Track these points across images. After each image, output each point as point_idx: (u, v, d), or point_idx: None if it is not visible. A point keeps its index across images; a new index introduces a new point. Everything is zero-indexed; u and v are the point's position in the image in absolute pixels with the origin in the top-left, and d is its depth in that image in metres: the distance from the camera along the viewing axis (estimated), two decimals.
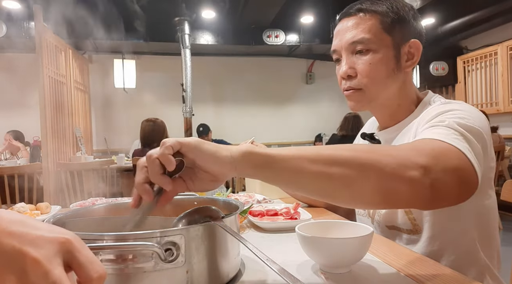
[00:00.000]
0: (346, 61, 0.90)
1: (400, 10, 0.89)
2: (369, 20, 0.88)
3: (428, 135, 0.70)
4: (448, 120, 0.72)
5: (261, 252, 0.52)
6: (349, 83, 0.91)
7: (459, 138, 0.68)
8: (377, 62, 0.87)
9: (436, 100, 0.92)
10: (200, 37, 5.63)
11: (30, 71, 4.50)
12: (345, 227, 0.71)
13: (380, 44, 0.87)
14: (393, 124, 0.96)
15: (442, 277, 0.60)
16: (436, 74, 5.74)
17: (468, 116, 0.75)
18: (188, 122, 5.46)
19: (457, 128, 0.70)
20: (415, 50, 0.90)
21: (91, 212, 0.73)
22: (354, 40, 0.88)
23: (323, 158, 0.58)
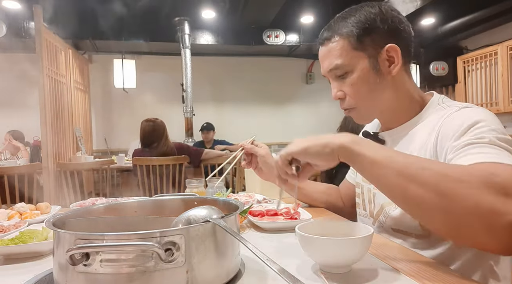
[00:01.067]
0: (333, 85, 0.95)
1: (367, 21, 0.88)
2: (337, 44, 0.90)
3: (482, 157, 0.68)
4: (486, 135, 0.72)
5: (261, 252, 0.52)
6: (343, 104, 0.95)
7: (509, 155, 0.68)
8: (357, 81, 0.90)
9: (448, 103, 0.91)
10: (200, 37, 5.63)
11: (30, 71, 4.50)
12: (345, 227, 0.71)
13: (354, 63, 0.89)
14: (397, 125, 0.96)
15: (442, 277, 0.60)
16: (436, 74, 5.74)
17: (496, 125, 0.75)
18: (189, 122, 5.46)
19: (500, 144, 0.70)
20: (394, 53, 0.89)
21: (91, 212, 0.73)
22: (330, 68, 0.92)
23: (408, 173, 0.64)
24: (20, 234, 0.83)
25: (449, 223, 0.60)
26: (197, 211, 0.60)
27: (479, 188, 0.59)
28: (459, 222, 0.59)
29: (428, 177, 0.62)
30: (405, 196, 0.64)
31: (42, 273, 0.67)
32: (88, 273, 0.50)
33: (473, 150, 0.71)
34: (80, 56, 5.02)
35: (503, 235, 0.58)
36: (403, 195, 0.64)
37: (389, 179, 0.65)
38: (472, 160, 0.68)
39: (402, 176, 0.64)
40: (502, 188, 0.59)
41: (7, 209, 1.17)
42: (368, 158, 0.67)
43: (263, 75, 6.60)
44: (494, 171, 0.63)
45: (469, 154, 0.71)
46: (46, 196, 3.48)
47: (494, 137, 0.71)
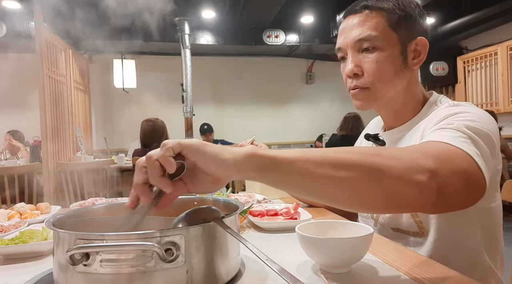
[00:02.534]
0: (352, 59, 0.89)
1: (407, 7, 0.88)
2: (375, 17, 0.86)
3: (436, 137, 0.69)
4: (456, 123, 0.71)
5: (261, 252, 0.52)
6: (355, 82, 0.89)
7: (467, 141, 0.67)
8: (384, 60, 0.86)
9: (444, 101, 0.91)
10: (200, 37, 5.63)
11: (30, 71, 4.49)
12: (345, 227, 0.71)
13: (386, 42, 0.86)
14: (399, 124, 0.95)
15: (442, 277, 0.60)
16: (436, 74, 5.74)
17: (477, 118, 0.74)
18: (189, 122, 5.46)
19: (466, 131, 0.69)
20: (422, 47, 0.89)
21: (91, 212, 0.73)
22: (360, 38, 0.86)
23: (329, 161, 0.56)
24: (20, 234, 0.83)
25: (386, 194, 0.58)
26: (197, 211, 0.60)
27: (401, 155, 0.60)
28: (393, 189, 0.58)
29: (351, 158, 0.58)
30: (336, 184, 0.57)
31: (42, 273, 0.67)
32: (88, 273, 0.50)
33: (434, 133, 0.71)
34: (80, 56, 5.02)
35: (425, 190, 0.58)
36: (334, 183, 0.57)
37: (314, 172, 0.55)
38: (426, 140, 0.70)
39: (326, 165, 0.56)
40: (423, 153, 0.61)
41: (7, 209, 1.17)
42: (285, 159, 0.55)
43: (263, 75, 6.60)
44: (432, 145, 0.65)
45: (430, 136, 0.71)
46: (46, 196, 3.48)
47: (463, 124, 0.71)
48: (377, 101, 0.91)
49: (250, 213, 1.01)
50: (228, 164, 0.54)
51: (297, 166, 0.55)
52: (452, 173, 0.60)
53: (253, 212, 1.02)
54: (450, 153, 0.63)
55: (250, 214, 1.01)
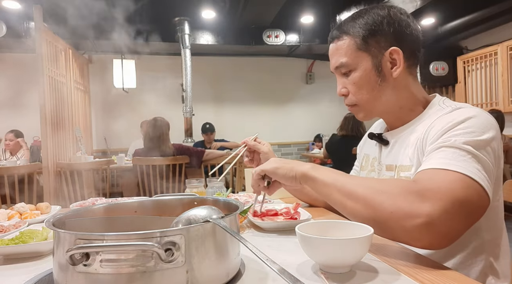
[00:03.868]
0: (338, 82, 0.99)
1: (373, 23, 0.91)
2: (344, 43, 0.94)
3: (433, 163, 0.74)
4: (453, 139, 0.75)
5: (261, 252, 0.52)
6: (346, 101, 0.99)
7: (466, 159, 0.72)
8: (359, 80, 0.93)
9: (447, 103, 0.91)
10: (200, 37, 5.63)
11: (30, 71, 4.49)
12: (345, 227, 0.71)
13: (357, 63, 0.93)
14: (401, 124, 0.97)
15: (442, 277, 0.60)
16: (436, 74, 5.74)
17: (477, 127, 0.76)
18: (188, 122, 5.46)
19: (464, 148, 0.73)
20: (396, 56, 0.91)
21: (91, 212, 0.73)
22: (336, 66, 0.96)
23: (345, 191, 0.77)
24: (20, 234, 0.83)
25: (378, 228, 0.69)
26: (197, 211, 0.60)
27: (398, 196, 0.70)
28: (384, 226, 0.71)
29: (359, 192, 0.75)
30: (344, 210, 0.79)
31: (42, 273, 0.67)
32: (88, 273, 0.50)
33: (435, 155, 0.76)
34: (80, 56, 5.02)
35: (419, 234, 0.68)
36: (343, 208, 0.79)
37: (333, 196, 0.80)
38: (428, 165, 0.75)
39: (341, 193, 0.78)
40: (418, 194, 0.69)
41: (7, 209, 1.17)
42: (320, 181, 0.82)
43: (263, 75, 6.60)
44: (430, 178, 0.72)
45: (431, 159, 0.76)
46: (46, 196, 3.48)
47: (462, 140, 0.74)
48: (371, 113, 0.99)
49: (255, 214, 1.01)
50: (292, 180, 0.87)
51: (325, 189, 0.82)
52: (449, 209, 0.66)
53: (256, 212, 1.02)
54: (449, 185, 0.69)
55: (255, 214, 1.01)
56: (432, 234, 0.67)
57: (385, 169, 0.98)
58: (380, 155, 1.02)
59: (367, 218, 0.72)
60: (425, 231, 0.67)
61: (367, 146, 1.14)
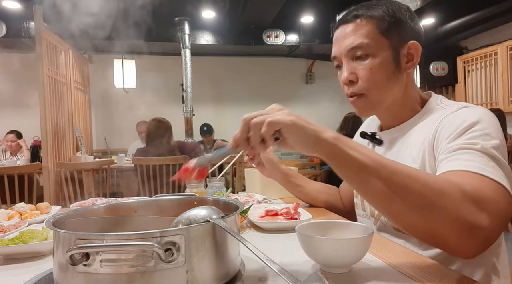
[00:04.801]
0: (346, 67, 0.91)
1: (396, 12, 0.90)
2: (365, 25, 0.88)
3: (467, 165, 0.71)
4: (481, 143, 0.73)
5: (261, 252, 0.52)
6: (351, 89, 0.91)
7: (495, 167, 0.71)
8: (377, 66, 0.88)
9: (446, 102, 0.91)
10: (200, 37, 5.62)
11: (30, 71, 4.49)
12: (345, 227, 0.71)
13: (378, 48, 0.88)
14: (397, 124, 0.96)
15: (442, 277, 0.60)
16: (436, 74, 5.74)
17: (491, 128, 0.77)
18: (189, 122, 5.46)
19: (492, 153, 0.72)
20: (414, 51, 0.90)
21: (91, 212, 0.72)
22: (353, 46, 0.89)
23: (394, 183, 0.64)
24: (20, 234, 0.83)
25: (430, 230, 0.64)
26: (197, 211, 0.60)
27: (460, 202, 0.63)
28: (440, 231, 0.64)
29: (413, 188, 0.63)
30: (389, 205, 0.65)
31: (42, 273, 0.67)
32: (88, 273, 0.50)
33: (462, 156, 0.73)
34: (80, 56, 5.02)
35: (475, 247, 0.65)
36: (387, 203, 0.65)
37: (374, 186, 0.64)
38: (459, 166, 0.71)
39: (387, 185, 0.63)
40: (475, 201, 0.64)
41: (7, 209, 1.17)
42: (356, 162, 0.64)
43: (263, 75, 6.60)
44: (476, 184, 0.67)
45: (458, 159, 0.73)
46: (46, 196, 3.48)
47: (486, 143, 0.73)
48: (376, 107, 0.93)
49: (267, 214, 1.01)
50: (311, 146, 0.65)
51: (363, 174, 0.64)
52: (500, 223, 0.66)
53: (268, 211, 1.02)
54: (496, 197, 0.67)
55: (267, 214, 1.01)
56: (485, 247, 0.67)
57: None
58: None
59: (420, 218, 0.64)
60: (482, 244, 0.66)
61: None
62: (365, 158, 0.64)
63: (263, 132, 0.64)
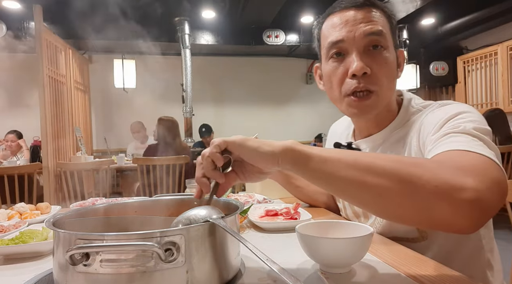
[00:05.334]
0: (359, 57, 0.80)
1: (395, 20, 0.88)
2: (381, 17, 0.83)
3: (450, 146, 0.66)
4: (463, 125, 0.69)
5: (261, 252, 0.52)
6: (363, 83, 0.80)
7: (482, 145, 0.65)
8: (390, 63, 0.82)
9: (421, 104, 0.88)
10: (200, 37, 5.63)
11: (30, 71, 4.49)
12: (345, 227, 0.71)
13: (390, 44, 0.84)
14: (377, 130, 0.91)
15: (442, 277, 0.60)
16: (436, 74, 5.74)
17: (477, 117, 0.74)
18: (188, 122, 5.46)
19: (475, 134, 0.67)
20: (402, 59, 0.89)
21: (91, 212, 0.72)
22: (372, 31, 0.79)
23: (360, 164, 0.58)
24: (20, 234, 0.83)
25: (415, 208, 0.57)
26: (197, 211, 0.60)
27: (438, 169, 0.58)
28: (425, 204, 0.56)
29: (384, 165, 0.58)
30: (363, 189, 0.59)
31: (42, 273, 0.67)
32: (88, 273, 0.50)
33: (447, 140, 0.69)
34: (80, 56, 5.02)
35: (469, 209, 0.56)
36: (361, 188, 0.59)
37: (342, 174, 0.59)
38: (443, 148, 0.66)
39: (356, 169, 0.58)
40: (458, 169, 0.58)
41: (7, 209, 1.17)
42: (317, 157, 0.60)
43: (263, 75, 6.60)
44: (459, 157, 0.62)
45: (444, 143, 0.68)
46: (46, 196, 3.48)
47: (470, 126, 0.70)
48: (378, 108, 0.85)
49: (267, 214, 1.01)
50: (267, 156, 0.61)
51: (328, 166, 0.60)
52: (491, 187, 0.57)
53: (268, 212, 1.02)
54: (482, 164, 0.61)
55: (267, 214, 1.01)
56: (480, 211, 0.56)
57: None
58: None
59: (399, 194, 0.57)
60: (475, 206, 0.55)
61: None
62: (326, 152, 0.61)
63: (209, 153, 0.63)
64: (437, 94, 6.14)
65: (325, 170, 0.60)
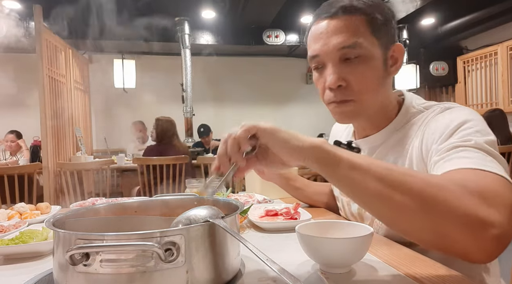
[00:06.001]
0: (333, 70, 0.81)
1: (386, 12, 0.83)
2: (356, 21, 0.79)
3: (466, 162, 0.65)
4: (473, 139, 0.69)
5: (261, 252, 0.52)
6: (340, 95, 0.81)
7: (493, 161, 0.65)
8: (369, 70, 0.80)
9: (423, 104, 0.87)
10: (200, 37, 5.63)
11: (30, 71, 4.49)
12: (345, 227, 0.71)
13: (370, 49, 0.79)
14: (375, 131, 0.90)
15: (442, 277, 0.60)
16: (436, 74, 5.74)
17: (482, 125, 0.73)
18: (189, 122, 5.46)
19: (487, 149, 0.67)
20: (399, 54, 0.85)
21: (91, 212, 0.72)
22: (344, 45, 0.78)
23: (389, 180, 0.58)
24: (20, 234, 0.83)
25: (435, 232, 0.57)
26: (197, 211, 0.60)
27: (462, 196, 0.57)
28: (446, 232, 0.56)
29: (412, 183, 0.57)
30: (386, 204, 0.59)
31: (42, 273, 0.67)
32: (88, 273, 0.50)
33: (458, 154, 0.68)
34: (80, 56, 5.02)
35: (491, 246, 0.56)
36: (384, 203, 0.59)
37: (369, 185, 0.58)
38: (457, 165, 0.66)
39: (384, 183, 0.57)
40: (480, 196, 0.57)
41: (7, 209, 1.17)
42: (347, 162, 0.59)
43: (263, 75, 6.60)
44: (477, 179, 0.62)
45: (455, 158, 0.68)
46: (46, 196, 3.48)
47: (480, 140, 0.69)
48: (362, 114, 0.85)
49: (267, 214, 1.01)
50: (295, 151, 0.61)
51: (356, 174, 0.59)
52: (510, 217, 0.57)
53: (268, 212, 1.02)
54: (502, 189, 0.60)
55: (267, 214, 1.01)
56: (501, 246, 0.56)
57: None
58: None
59: (423, 215, 0.56)
60: (498, 242, 0.55)
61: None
62: (356, 158, 0.60)
63: (237, 136, 0.62)
64: (437, 94, 6.14)
65: (353, 178, 0.59)
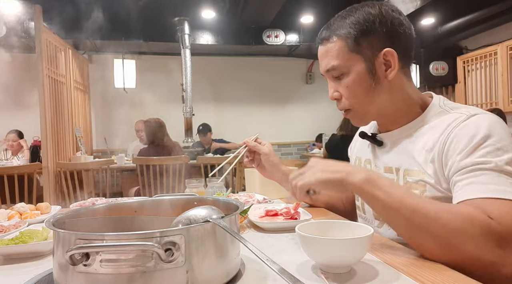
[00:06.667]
0: (330, 86, 0.95)
1: (365, 23, 0.86)
2: (334, 45, 0.89)
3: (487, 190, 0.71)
4: (493, 160, 0.73)
5: (261, 252, 0.52)
6: (339, 106, 0.95)
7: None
8: (352, 84, 0.89)
9: (449, 105, 0.89)
10: (200, 37, 5.62)
11: (30, 71, 4.49)
12: (345, 227, 0.71)
13: (350, 66, 0.88)
14: (397, 127, 0.94)
15: (442, 277, 0.60)
16: (436, 74, 5.74)
17: (504, 141, 0.75)
18: (188, 122, 5.46)
19: (507, 171, 0.72)
20: (391, 57, 0.87)
21: (91, 212, 0.73)
22: (327, 68, 0.91)
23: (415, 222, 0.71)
24: (20, 234, 0.83)
25: (452, 263, 0.67)
26: (197, 211, 0.60)
27: (479, 240, 0.66)
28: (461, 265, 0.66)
29: (433, 228, 0.68)
30: (410, 241, 0.74)
31: (42, 273, 0.67)
32: (88, 273, 0.50)
33: (478, 179, 0.73)
34: (80, 56, 5.02)
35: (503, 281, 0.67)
36: (409, 239, 0.74)
37: (398, 224, 0.74)
38: (477, 192, 0.72)
39: (409, 225, 0.71)
40: (500, 237, 0.66)
41: (7, 209, 1.17)
42: (381, 201, 0.73)
43: (263, 75, 6.60)
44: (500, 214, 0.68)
45: (474, 183, 0.73)
46: (46, 196, 3.48)
47: (500, 159, 0.73)
48: (366, 118, 0.97)
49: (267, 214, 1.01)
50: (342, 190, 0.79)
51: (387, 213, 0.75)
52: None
53: (268, 212, 1.02)
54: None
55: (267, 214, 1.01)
56: (501, 267, 0.67)
57: (383, 171, 0.96)
58: (375, 157, 1.00)
59: (441, 255, 0.68)
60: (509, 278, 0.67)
61: (358, 148, 1.11)
62: (388, 198, 0.72)
63: (297, 194, 0.81)
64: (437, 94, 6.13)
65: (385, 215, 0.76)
